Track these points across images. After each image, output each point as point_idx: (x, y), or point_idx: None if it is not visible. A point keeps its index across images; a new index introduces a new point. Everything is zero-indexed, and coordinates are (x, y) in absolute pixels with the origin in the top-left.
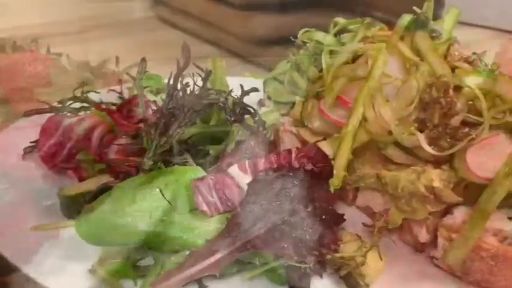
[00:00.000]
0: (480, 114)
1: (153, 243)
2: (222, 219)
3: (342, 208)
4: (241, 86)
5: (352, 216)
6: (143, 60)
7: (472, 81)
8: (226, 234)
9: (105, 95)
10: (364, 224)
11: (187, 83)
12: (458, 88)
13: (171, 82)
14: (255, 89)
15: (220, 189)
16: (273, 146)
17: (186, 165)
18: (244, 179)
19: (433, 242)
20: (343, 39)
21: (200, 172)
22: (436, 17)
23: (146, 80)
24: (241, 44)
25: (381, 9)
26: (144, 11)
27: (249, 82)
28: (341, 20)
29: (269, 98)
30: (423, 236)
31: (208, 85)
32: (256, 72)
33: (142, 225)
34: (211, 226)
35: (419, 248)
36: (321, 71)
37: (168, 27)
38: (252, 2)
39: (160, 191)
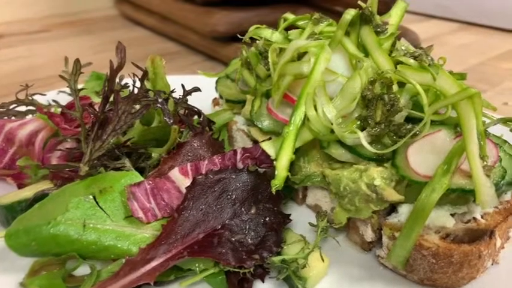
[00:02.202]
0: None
1: (87, 252)
2: (160, 225)
3: (292, 207)
4: (183, 86)
5: (304, 215)
6: (77, 61)
7: (414, 77)
8: (163, 241)
9: (55, 97)
10: (310, 224)
11: (126, 83)
12: (402, 84)
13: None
14: (197, 89)
15: (158, 194)
16: (220, 146)
17: (123, 170)
18: (186, 183)
19: (380, 241)
20: (290, 36)
21: (137, 177)
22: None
23: (95, 80)
24: (203, 41)
25: (344, 4)
26: (108, 8)
27: (200, 80)
28: (290, 16)
29: (221, 96)
30: (369, 235)
31: (149, 86)
32: (220, 69)
33: (74, 234)
34: (148, 233)
35: (366, 247)
36: (269, 69)
37: (131, 25)
38: None
39: (94, 198)
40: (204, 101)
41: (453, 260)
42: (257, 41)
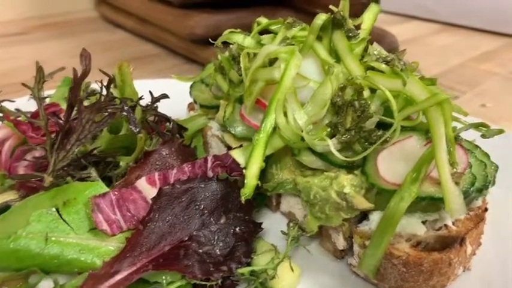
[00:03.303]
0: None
1: (50, 267)
2: (125, 237)
3: (266, 215)
4: (150, 93)
5: (278, 223)
6: (40, 69)
7: (383, 83)
8: (127, 253)
9: (26, 103)
10: (282, 232)
11: (93, 91)
12: (374, 90)
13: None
14: (165, 96)
15: (124, 205)
16: (191, 153)
17: (88, 180)
18: (153, 193)
19: (352, 248)
20: (263, 40)
21: (102, 188)
22: None
23: (67, 85)
24: (182, 43)
25: (324, 7)
26: (88, 10)
27: (176, 85)
28: (263, 20)
29: (195, 101)
30: (340, 243)
31: (116, 93)
32: (200, 72)
33: (36, 248)
34: (113, 245)
35: (338, 255)
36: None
37: (111, 27)
38: (191, 1)
39: (57, 210)
40: (179, 106)
41: (423, 268)
42: (231, 46)
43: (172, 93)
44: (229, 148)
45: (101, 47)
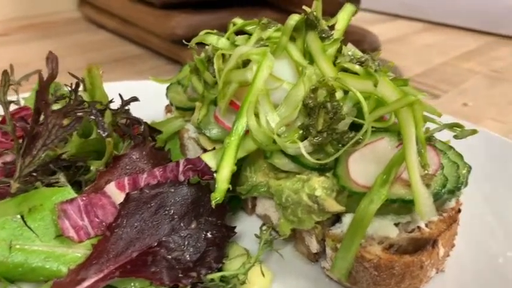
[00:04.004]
0: None
1: (14, 275)
2: (91, 244)
3: (241, 218)
4: (120, 96)
5: (254, 226)
6: (5, 72)
7: (355, 84)
8: (94, 260)
9: None
10: (256, 236)
11: (63, 95)
12: (347, 91)
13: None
14: (135, 99)
15: (92, 211)
16: (163, 157)
17: (57, 185)
18: (122, 198)
19: (325, 251)
20: (237, 41)
21: (70, 193)
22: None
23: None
24: (164, 44)
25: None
26: (71, 11)
27: (152, 87)
28: (239, 21)
29: (171, 103)
30: (314, 246)
31: (86, 96)
32: None
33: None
34: (80, 252)
35: (312, 258)
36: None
37: (94, 28)
38: (172, 2)
39: (22, 217)
40: (157, 108)
41: (395, 271)
42: (206, 47)
43: (152, 95)
44: (206, 151)
45: (83, 48)
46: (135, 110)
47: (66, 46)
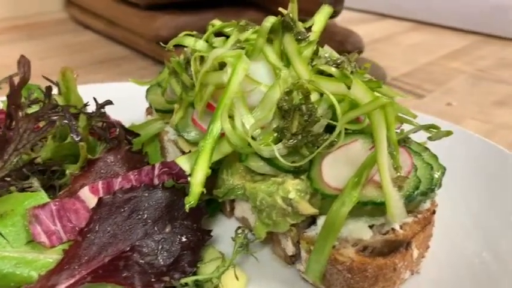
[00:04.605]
0: None
1: None
2: (62, 249)
3: (220, 221)
4: (95, 99)
5: (233, 229)
6: None
7: (328, 87)
8: (65, 266)
9: None
10: (232, 239)
11: (36, 98)
12: (322, 94)
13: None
14: (109, 102)
15: (65, 215)
16: (140, 160)
17: (29, 190)
18: (96, 202)
19: (300, 254)
20: (215, 43)
21: (42, 198)
22: (336, 13)
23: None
24: (150, 45)
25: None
26: (57, 12)
27: (134, 89)
28: (217, 22)
29: (151, 105)
30: (290, 248)
31: (61, 100)
32: None
33: None
34: (52, 258)
35: (288, 261)
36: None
37: (81, 29)
38: (156, 3)
39: None
40: (139, 110)
41: (368, 274)
42: (185, 48)
43: (134, 97)
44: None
45: (69, 49)
46: (116, 112)
47: (51, 47)
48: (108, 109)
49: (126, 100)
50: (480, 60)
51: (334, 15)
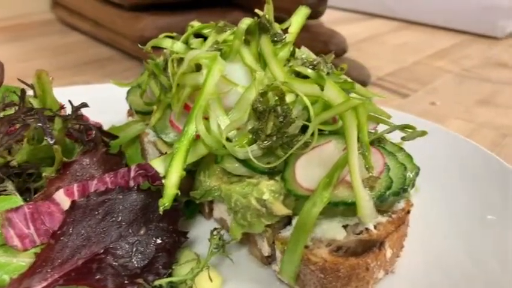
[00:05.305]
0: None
1: None
2: (34, 252)
3: (200, 222)
4: (70, 102)
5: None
6: None
7: (302, 88)
8: (38, 269)
9: None
10: (209, 240)
11: (12, 101)
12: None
13: None
14: (85, 104)
15: (39, 218)
16: (116, 162)
17: (4, 193)
18: None
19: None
20: (192, 45)
21: (16, 201)
22: (319, 14)
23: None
24: (135, 46)
25: (276, 9)
26: (44, 13)
27: (117, 90)
28: (196, 24)
29: (131, 107)
30: (265, 249)
31: (37, 103)
32: None
33: None
34: (25, 261)
35: (265, 261)
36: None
37: (68, 30)
38: (140, 3)
39: None
40: (121, 112)
41: (340, 274)
42: (164, 50)
43: (117, 99)
44: None
45: (56, 51)
46: (99, 114)
47: (37, 48)
48: (90, 111)
49: (109, 102)
50: (466, 60)
51: (317, 15)
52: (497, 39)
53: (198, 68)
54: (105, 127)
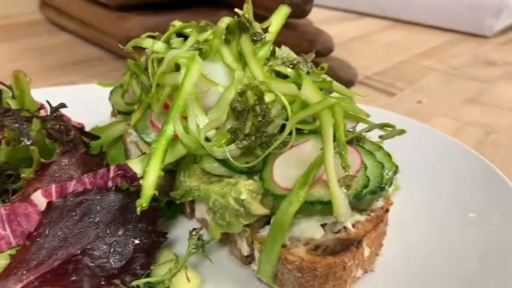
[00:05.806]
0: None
1: None
2: (8, 254)
3: (182, 222)
4: (48, 103)
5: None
6: None
7: (280, 88)
8: (13, 271)
9: None
10: (188, 240)
11: None
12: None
13: None
14: (63, 105)
15: (16, 220)
16: (96, 163)
17: None
18: None
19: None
20: (173, 44)
21: None
22: (305, 13)
23: None
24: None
25: (266, 9)
26: (32, 13)
27: (94, 91)
28: (177, 23)
29: (113, 107)
30: (245, 249)
31: (15, 104)
32: None
33: None
34: (1, 263)
35: (245, 261)
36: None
37: (56, 30)
38: (126, 3)
39: None
40: (105, 113)
41: (317, 273)
42: (146, 50)
43: (101, 99)
44: None
45: (43, 51)
46: (83, 114)
47: (26, 49)
48: (74, 112)
49: (94, 102)
50: (454, 58)
51: (304, 14)
52: (485, 37)
53: (177, 67)
54: (89, 128)
